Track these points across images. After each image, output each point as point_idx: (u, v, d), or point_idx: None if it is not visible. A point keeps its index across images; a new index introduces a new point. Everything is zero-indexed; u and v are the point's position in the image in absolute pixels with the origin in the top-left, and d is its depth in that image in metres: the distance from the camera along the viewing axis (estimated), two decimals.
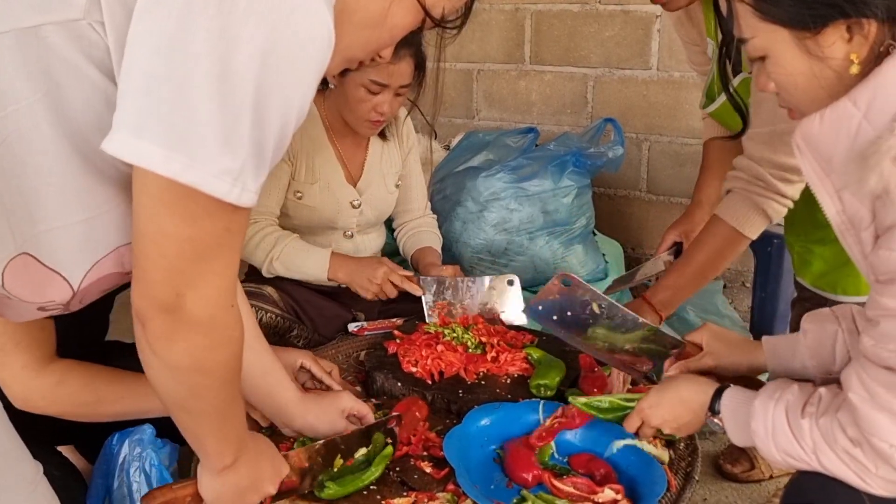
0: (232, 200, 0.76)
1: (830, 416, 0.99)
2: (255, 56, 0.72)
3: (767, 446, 1.05)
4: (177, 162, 0.72)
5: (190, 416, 0.94)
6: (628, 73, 3.07)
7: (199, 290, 0.81)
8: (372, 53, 0.92)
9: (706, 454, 1.98)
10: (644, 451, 1.30)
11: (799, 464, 1.03)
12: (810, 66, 0.98)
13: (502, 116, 3.43)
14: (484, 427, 1.39)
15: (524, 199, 2.49)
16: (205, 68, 0.71)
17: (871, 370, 0.94)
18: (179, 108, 0.71)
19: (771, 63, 1.02)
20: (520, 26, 3.26)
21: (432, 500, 1.22)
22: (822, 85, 0.99)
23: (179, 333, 0.82)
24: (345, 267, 1.87)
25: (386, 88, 1.79)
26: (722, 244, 1.64)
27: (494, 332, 1.77)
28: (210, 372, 0.87)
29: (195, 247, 0.79)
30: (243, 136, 0.74)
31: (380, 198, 2.04)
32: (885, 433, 0.92)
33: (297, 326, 1.90)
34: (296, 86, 0.76)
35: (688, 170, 3.00)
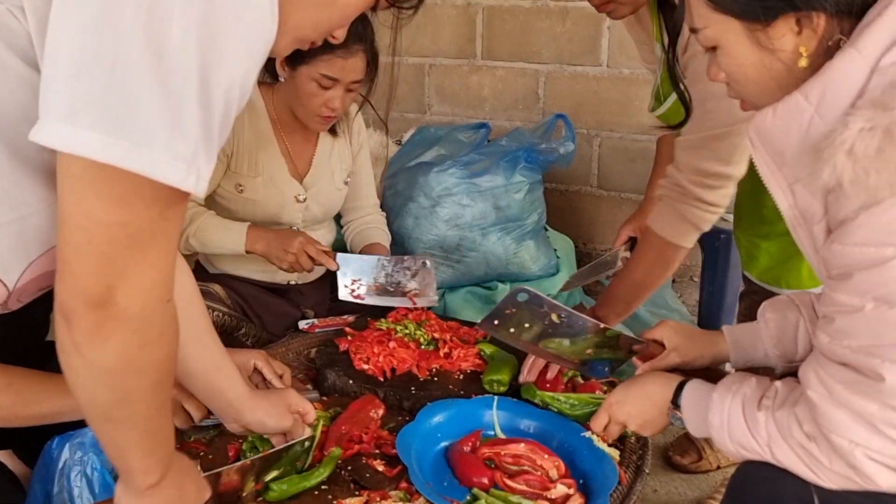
0: (189, 188, 0.71)
1: (787, 410, 0.99)
2: (192, 30, 0.67)
3: (722, 437, 1.07)
4: (117, 147, 0.67)
5: (116, 425, 0.86)
6: (579, 70, 3.09)
7: (132, 281, 0.75)
8: (324, 34, 0.88)
9: (656, 446, 2.01)
10: (596, 447, 1.31)
11: (752, 455, 1.04)
12: (760, 57, 0.99)
13: (454, 111, 3.42)
14: (437, 424, 1.38)
15: (476, 195, 2.48)
16: (139, 47, 0.66)
17: (829, 367, 0.94)
18: (115, 90, 0.66)
19: (722, 53, 1.02)
20: (471, 21, 3.26)
21: (385, 498, 1.20)
22: (771, 76, 0.99)
23: (109, 330, 0.76)
24: (262, 238, 1.83)
25: (337, 83, 1.76)
26: (658, 255, 1.65)
27: (447, 328, 1.76)
28: (142, 372, 0.81)
29: (128, 233, 0.73)
30: (192, 117, 0.69)
31: (327, 194, 2.01)
32: (844, 430, 0.92)
33: (246, 325, 1.87)
34: (238, 61, 0.72)
35: (638, 165, 3.04)
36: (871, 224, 0.86)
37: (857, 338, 0.91)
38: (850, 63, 0.89)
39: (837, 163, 0.84)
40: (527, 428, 1.40)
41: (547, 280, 2.57)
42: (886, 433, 0.90)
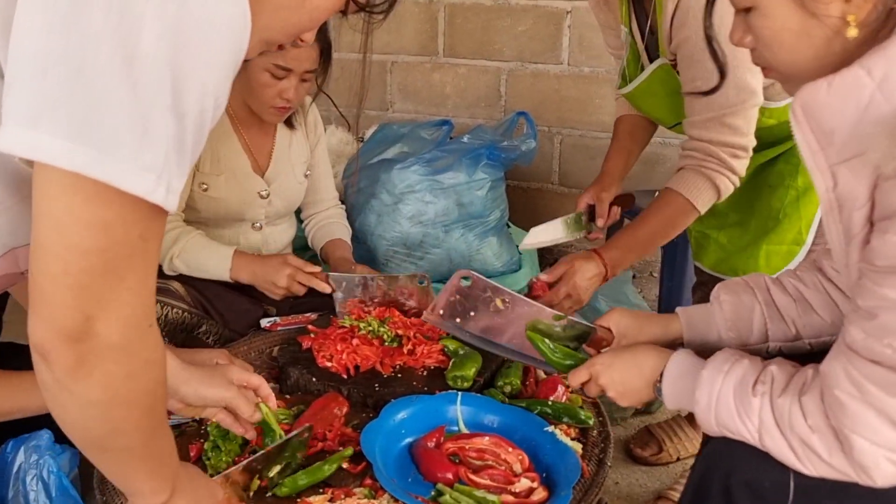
0: (157, 201, 0.67)
1: (790, 399, 0.96)
2: (164, 36, 0.64)
3: (707, 417, 1.04)
4: (81, 154, 0.63)
5: (114, 455, 0.84)
6: (541, 68, 3.12)
7: (112, 311, 0.72)
8: (292, 37, 0.87)
9: (617, 439, 2.04)
10: (559, 440, 1.33)
11: (733, 434, 1.02)
12: (802, 22, 0.90)
13: (416, 109, 3.42)
14: (401, 420, 1.38)
15: (439, 192, 2.49)
16: (108, 50, 0.63)
17: (861, 365, 0.89)
18: (81, 94, 0.63)
19: (757, 15, 0.94)
20: (433, 19, 3.26)
21: (349, 495, 1.20)
22: (810, 45, 0.92)
23: (92, 364, 0.72)
24: (248, 268, 1.80)
25: (291, 73, 1.74)
26: (674, 214, 1.68)
27: (410, 324, 1.76)
28: (131, 403, 0.78)
29: (106, 260, 0.69)
30: (163, 127, 0.66)
31: (289, 188, 1.99)
32: (871, 432, 0.88)
33: (207, 322, 1.84)
34: (211, 69, 0.69)
35: (598, 163, 3.04)
36: None
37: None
38: None
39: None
40: (490, 423, 1.41)
41: (510, 276, 2.59)
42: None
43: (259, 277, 1.80)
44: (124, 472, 0.87)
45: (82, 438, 0.81)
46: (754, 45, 0.98)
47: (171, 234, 1.79)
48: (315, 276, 1.80)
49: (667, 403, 1.14)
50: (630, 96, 1.85)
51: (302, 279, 1.78)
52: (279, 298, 1.81)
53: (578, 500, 1.23)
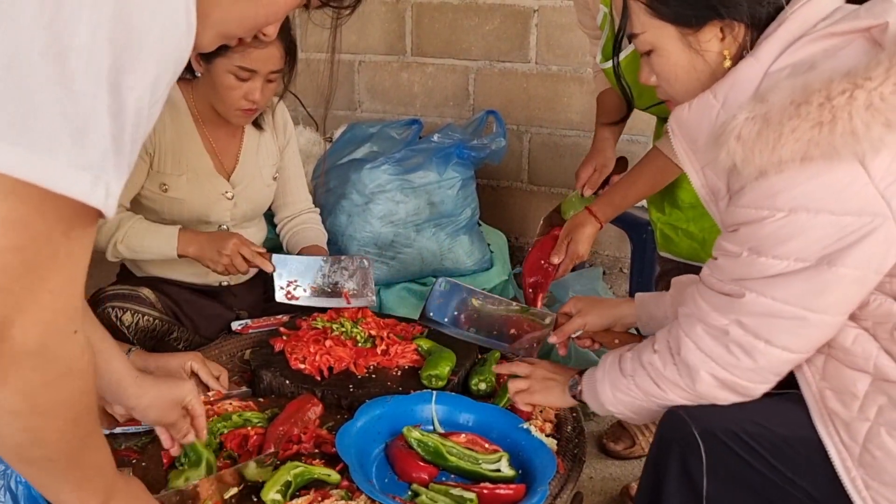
0: (97, 205, 0.63)
1: (644, 344, 1.22)
2: (101, 30, 0.60)
3: (603, 387, 1.24)
4: (11, 154, 0.59)
5: (34, 466, 0.79)
6: (508, 66, 3.13)
7: (29, 313, 0.67)
8: (251, 30, 0.83)
9: (590, 434, 2.05)
10: (534, 437, 1.34)
11: (623, 394, 1.22)
12: (690, 58, 1.16)
13: (385, 108, 3.41)
14: (376, 421, 1.38)
15: (410, 191, 2.48)
16: (40, 45, 0.59)
17: (702, 290, 1.15)
18: (10, 91, 0.59)
19: (656, 56, 1.18)
20: (401, 18, 3.25)
21: (326, 497, 1.20)
22: (697, 76, 1.17)
23: (7, 370, 0.67)
24: (195, 241, 1.78)
25: (255, 74, 1.71)
26: (660, 172, 1.84)
27: (384, 325, 1.76)
28: (50, 413, 0.74)
29: (24, 259, 0.64)
30: (99, 126, 0.62)
31: (256, 190, 1.97)
32: (697, 337, 1.12)
33: (177, 328, 1.82)
34: (151, 65, 0.65)
35: (566, 161, 3.10)
36: (755, 190, 1.04)
37: (731, 275, 1.11)
38: (750, 68, 1.09)
39: (730, 146, 1.02)
40: (465, 421, 1.42)
41: (482, 274, 2.59)
42: (727, 345, 1.09)
43: (206, 247, 1.77)
44: (47, 483, 0.83)
45: (2, 448, 0.76)
46: (658, 83, 1.23)
47: (114, 220, 1.75)
48: (260, 254, 1.80)
49: (588, 402, 1.29)
50: (609, 72, 1.90)
51: (246, 253, 1.77)
52: (220, 271, 1.78)
53: (555, 495, 1.24)
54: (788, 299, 1.04)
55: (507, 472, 1.26)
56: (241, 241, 1.78)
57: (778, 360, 1.08)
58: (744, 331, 1.08)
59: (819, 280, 1.02)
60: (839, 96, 0.95)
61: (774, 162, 0.99)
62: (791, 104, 0.98)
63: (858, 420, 1.05)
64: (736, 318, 1.09)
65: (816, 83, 0.97)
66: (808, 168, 0.98)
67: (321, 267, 1.87)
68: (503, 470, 1.27)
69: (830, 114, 0.95)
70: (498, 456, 1.29)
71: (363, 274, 1.90)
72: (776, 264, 1.04)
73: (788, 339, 1.07)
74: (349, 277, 1.87)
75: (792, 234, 1.02)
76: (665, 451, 1.14)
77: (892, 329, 1.05)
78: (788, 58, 1.06)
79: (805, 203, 1.00)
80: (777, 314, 1.06)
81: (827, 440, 1.06)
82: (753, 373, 1.09)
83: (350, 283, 1.87)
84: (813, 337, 1.07)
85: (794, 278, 1.04)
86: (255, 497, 1.20)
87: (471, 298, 1.53)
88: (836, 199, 0.99)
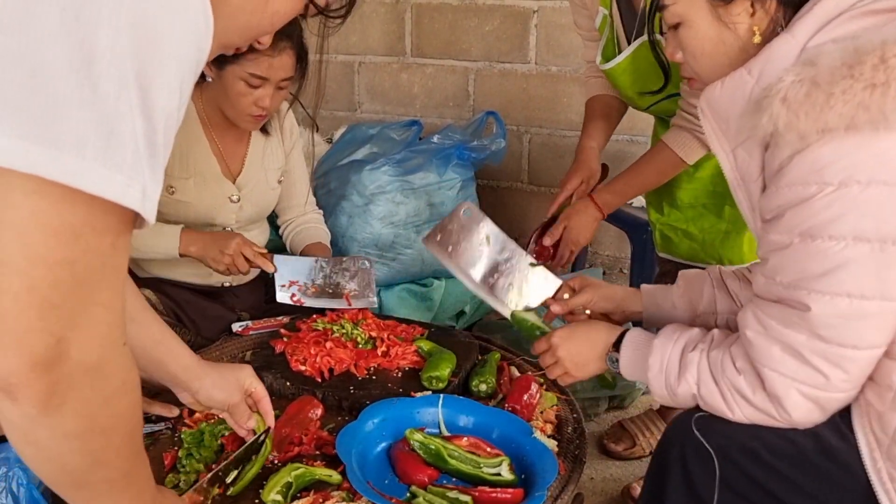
0: (132, 205, 0.62)
1: (723, 350, 1.11)
2: (123, 32, 0.60)
3: (658, 380, 1.17)
4: (42, 155, 0.58)
5: (96, 489, 0.77)
6: (508, 67, 3.13)
7: (85, 329, 0.65)
8: (250, 40, 0.84)
9: (591, 435, 2.06)
10: (535, 438, 1.34)
11: (678, 397, 1.15)
12: (719, 31, 1.12)
13: (384, 109, 3.41)
14: (379, 423, 1.38)
15: (410, 193, 2.49)
16: (65, 50, 0.59)
17: (764, 306, 1.06)
18: (38, 96, 0.58)
19: (685, 29, 1.15)
20: (400, 19, 3.25)
21: (327, 499, 1.20)
22: (725, 52, 1.14)
23: (65, 392, 0.66)
24: (197, 241, 1.79)
25: (266, 82, 1.73)
26: (665, 167, 1.83)
27: (384, 326, 1.76)
28: (110, 430, 0.73)
29: (75, 272, 0.63)
30: (132, 127, 0.62)
31: (261, 193, 1.98)
32: (776, 363, 1.03)
33: (179, 329, 1.82)
34: (173, 66, 0.65)
35: (566, 161, 3.08)
36: (799, 166, 0.98)
37: (787, 273, 1.02)
38: (785, 45, 1.04)
39: (774, 109, 0.97)
40: (466, 424, 1.42)
41: None
42: (812, 362, 1.01)
43: (208, 247, 1.78)
44: (107, 503, 0.81)
45: (59, 475, 0.75)
46: (683, 59, 1.19)
47: None
48: (261, 255, 1.80)
49: (623, 373, 1.25)
50: (611, 72, 1.91)
51: (248, 253, 1.78)
52: (222, 270, 1.78)
53: (555, 496, 1.24)
54: (865, 292, 0.96)
55: (507, 477, 1.26)
56: (243, 242, 1.79)
57: (868, 360, 1.01)
58: (826, 343, 0.99)
59: (889, 262, 0.95)
60: (894, 58, 0.90)
61: (819, 129, 0.94)
62: (843, 65, 0.93)
63: (891, 411, 1.00)
64: (813, 332, 1.00)
65: (868, 46, 0.93)
66: (854, 137, 0.93)
67: (322, 268, 1.88)
68: (503, 474, 1.27)
69: (885, 75, 0.90)
70: (499, 460, 1.29)
71: (364, 275, 1.90)
72: (833, 247, 0.96)
73: (874, 335, 0.99)
74: (350, 278, 1.88)
75: (845, 209, 0.95)
76: (671, 461, 1.13)
77: None
78: (827, 34, 1.01)
79: (855, 174, 0.94)
80: (858, 314, 0.97)
81: (859, 431, 1.03)
82: (846, 382, 1.01)
83: (351, 284, 1.88)
84: (893, 325, 0.99)
85: (862, 266, 0.95)
86: (256, 500, 1.21)
87: (483, 234, 1.48)
88: (888, 168, 0.93)
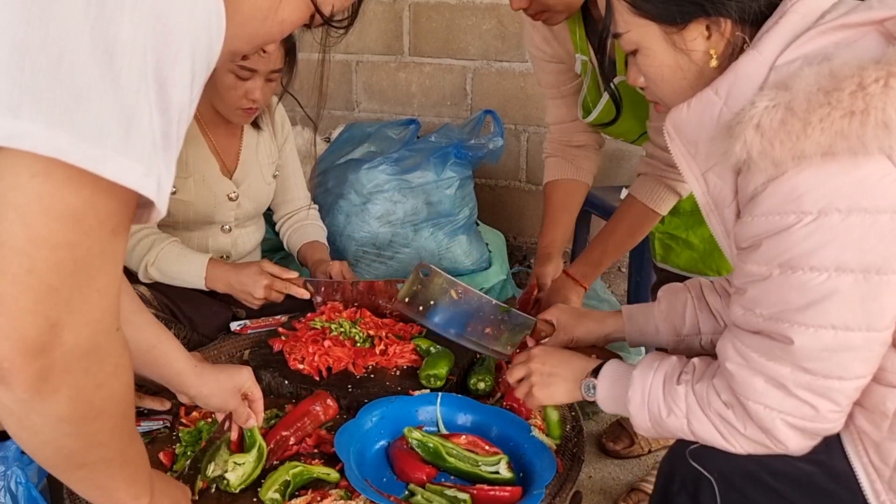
0: (149, 193, 0.63)
1: (706, 382, 1.07)
2: (143, 27, 0.62)
3: (641, 414, 1.12)
4: (63, 139, 0.59)
5: (92, 469, 0.79)
6: (506, 66, 3.13)
7: (80, 314, 0.66)
8: (257, 47, 0.86)
9: (589, 434, 2.06)
10: (535, 438, 1.34)
11: (666, 430, 1.11)
12: (675, 58, 1.09)
13: (382, 108, 3.41)
14: (377, 421, 1.38)
15: (407, 191, 2.49)
16: (88, 42, 0.60)
17: (744, 337, 1.02)
18: (63, 84, 0.60)
19: (642, 56, 1.12)
20: (398, 18, 3.25)
21: (325, 497, 1.20)
22: (685, 76, 1.10)
23: (59, 377, 0.67)
24: (223, 278, 1.79)
25: (256, 74, 1.73)
26: (637, 222, 1.74)
27: (382, 324, 1.76)
28: (105, 413, 0.74)
29: (76, 256, 0.64)
30: (149, 120, 0.63)
31: (257, 189, 1.98)
32: (759, 395, 0.99)
33: (175, 326, 1.81)
34: (188, 63, 0.66)
35: None
36: (775, 194, 0.94)
37: (767, 305, 0.98)
38: (753, 62, 1.00)
39: (748, 137, 0.92)
40: (465, 422, 1.42)
41: (480, 274, 2.60)
42: (798, 395, 0.97)
43: (235, 289, 1.78)
44: (104, 484, 0.83)
45: (55, 459, 0.76)
46: (645, 84, 1.16)
47: (146, 242, 1.76)
48: (292, 283, 1.79)
49: (602, 405, 1.21)
50: (597, 121, 1.84)
51: (279, 287, 1.77)
52: (257, 308, 1.80)
53: (554, 494, 1.24)
54: (849, 324, 0.93)
55: (505, 475, 1.26)
56: (270, 281, 1.76)
57: (855, 389, 0.98)
58: (811, 376, 0.96)
59: (873, 293, 0.92)
60: (873, 84, 0.87)
61: (795, 156, 0.90)
62: (819, 91, 0.89)
63: (889, 440, 0.98)
64: (797, 364, 0.97)
65: (846, 70, 0.89)
66: (831, 165, 0.90)
67: (359, 291, 1.83)
68: (502, 472, 1.27)
69: (864, 102, 0.87)
70: (497, 458, 1.29)
71: None
72: (815, 278, 0.92)
73: (860, 366, 0.96)
74: (388, 300, 1.82)
75: (826, 239, 0.91)
76: (674, 491, 1.12)
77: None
78: (797, 50, 0.98)
79: (835, 202, 0.90)
80: (843, 346, 0.94)
81: (856, 461, 1.00)
82: (836, 413, 0.98)
83: (391, 306, 1.84)
84: (879, 353, 0.97)
85: (845, 297, 0.92)
86: (254, 498, 1.20)
87: (450, 290, 1.46)
88: (868, 195, 0.89)
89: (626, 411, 1.15)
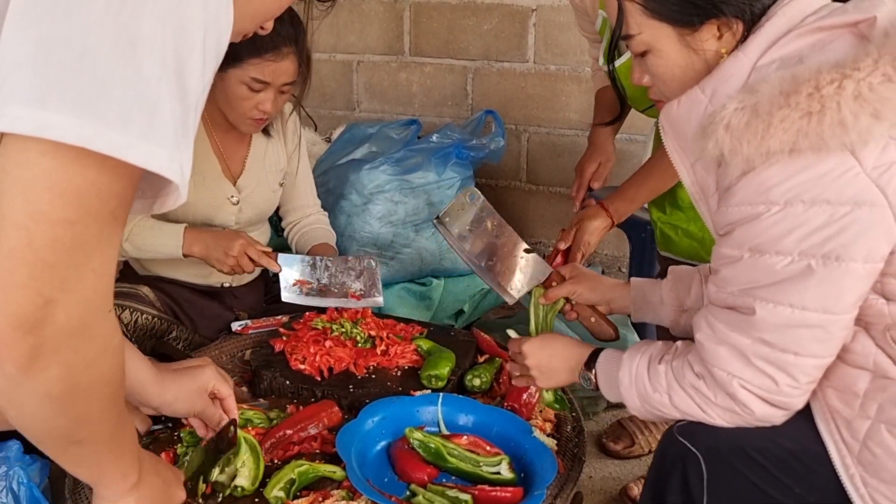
0: (173, 177, 0.66)
1: (682, 358, 1.15)
2: (163, 20, 0.64)
3: (630, 393, 1.19)
4: (90, 129, 0.61)
5: (81, 446, 0.80)
6: (506, 66, 3.13)
7: (73, 293, 0.66)
8: (258, 25, 0.87)
9: (590, 434, 2.06)
10: (534, 437, 1.34)
11: (654, 408, 1.16)
12: (687, 58, 1.14)
13: (383, 108, 3.41)
14: (379, 422, 1.38)
15: (409, 192, 2.49)
16: (110, 36, 0.62)
17: (715, 311, 1.10)
18: (87, 77, 0.61)
19: (653, 57, 1.16)
20: (399, 18, 3.25)
21: (327, 498, 1.20)
22: (695, 76, 1.14)
23: (49, 354, 0.67)
24: (200, 240, 1.78)
25: (268, 86, 1.71)
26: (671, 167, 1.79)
27: (383, 325, 1.76)
28: (92, 393, 0.74)
29: (75, 234, 0.64)
30: (170, 110, 0.65)
31: (262, 196, 1.96)
32: (723, 363, 1.07)
33: (177, 327, 1.82)
34: (200, 53, 0.68)
35: (565, 160, 3.10)
36: (747, 186, 1.03)
37: (737, 283, 1.07)
38: (737, 63, 1.08)
39: (718, 136, 1.01)
40: (465, 422, 1.42)
41: None
42: (757, 364, 1.05)
43: (212, 247, 1.77)
44: (91, 462, 0.84)
45: (43, 435, 0.77)
46: (651, 83, 1.21)
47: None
48: (266, 255, 1.80)
49: (604, 394, 1.26)
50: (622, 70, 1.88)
51: (252, 254, 1.77)
52: (227, 271, 1.78)
53: (555, 494, 1.25)
54: (806, 304, 1.01)
55: (506, 475, 1.27)
56: (247, 242, 1.78)
57: (813, 368, 1.05)
58: (769, 347, 1.04)
59: (832, 278, 0.99)
60: (828, 86, 0.94)
61: (763, 153, 0.98)
62: (780, 94, 0.97)
63: (859, 418, 1.04)
64: (758, 336, 1.04)
65: (805, 74, 0.97)
66: (798, 160, 0.98)
67: (328, 267, 1.87)
68: (503, 473, 1.27)
69: (819, 103, 0.94)
70: (498, 459, 1.29)
71: (370, 274, 1.90)
72: (780, 261, 1.01)
73: (816, 346, 1.03)
74: (356, 278, 1.88)
75: (791, 227, 1.00)
76: (666, 470, 1.14)
77: (884, 329, 1.04)
78: (777, 52, 1.05)
79: (800, 194, 0.98)
80: (799, 323, 1.02)
81: (827, 438, 1.06)
82: (795, 389, 1.05)
83: (357, 284, 1.88)
84: (838, 338, 1.04)
85: (807, 280, 1.00)
86: (257, 498, 1.21)
87: (487, 220, 1.55)
88: (830, 188, 0.97)
89: (619, 393, 1.21)
